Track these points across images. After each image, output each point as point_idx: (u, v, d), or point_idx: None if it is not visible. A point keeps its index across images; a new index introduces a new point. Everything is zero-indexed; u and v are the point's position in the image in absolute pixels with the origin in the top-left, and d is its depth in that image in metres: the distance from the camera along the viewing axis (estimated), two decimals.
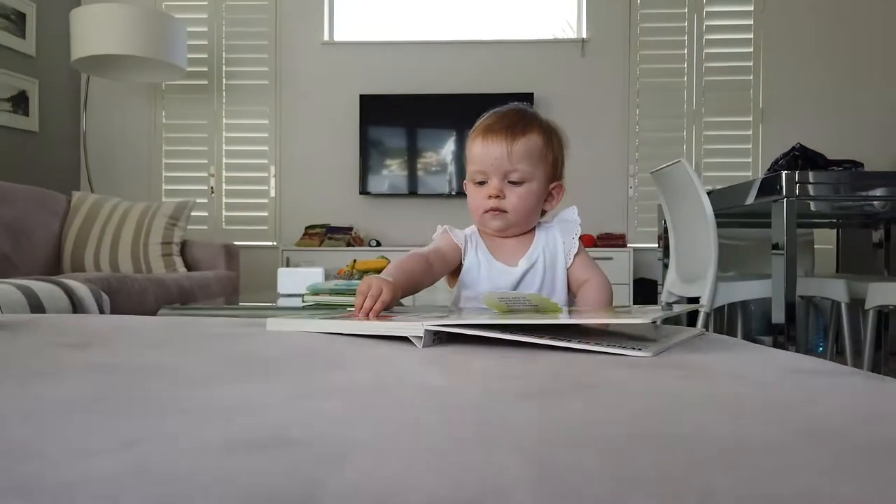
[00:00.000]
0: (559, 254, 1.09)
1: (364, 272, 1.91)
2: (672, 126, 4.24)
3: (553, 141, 1.07)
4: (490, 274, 1.08)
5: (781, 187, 1.72)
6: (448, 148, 4.24)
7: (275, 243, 4.30)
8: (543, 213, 1.12)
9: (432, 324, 0.66)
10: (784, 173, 1.71)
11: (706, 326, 2.11)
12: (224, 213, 4.36)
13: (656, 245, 3.95)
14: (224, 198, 4.36)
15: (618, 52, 4.25)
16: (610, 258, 3.85)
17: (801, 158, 1.79)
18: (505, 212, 1.05)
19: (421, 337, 0.66)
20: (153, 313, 2.30)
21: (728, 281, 2.10)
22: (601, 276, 1.09)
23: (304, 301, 1.59)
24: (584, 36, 4.27)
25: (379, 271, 1.97)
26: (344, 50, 4.36)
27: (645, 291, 3.92)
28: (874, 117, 4.13)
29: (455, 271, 1.11)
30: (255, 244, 4.31)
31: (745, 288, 2.10)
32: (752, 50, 4.21)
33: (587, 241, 3.94)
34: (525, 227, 1.10)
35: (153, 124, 4.37)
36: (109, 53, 3.36)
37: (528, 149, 1.03)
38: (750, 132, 4.20)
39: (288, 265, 3.91)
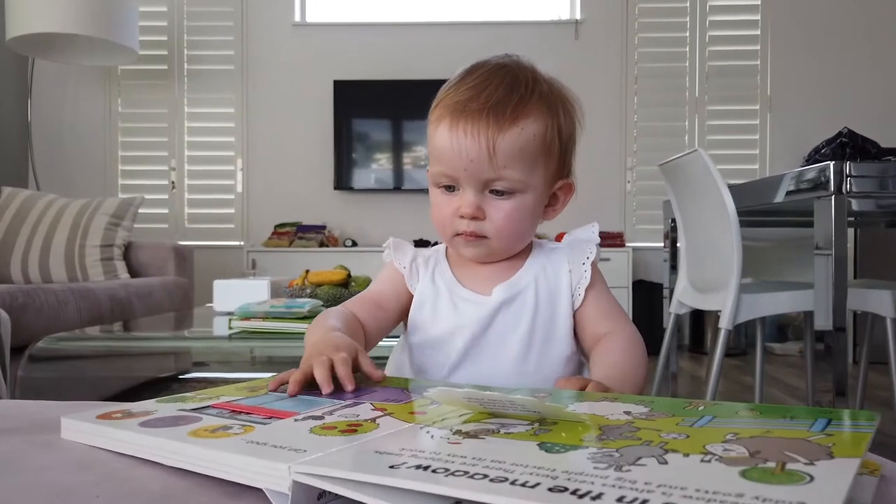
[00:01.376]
0: (562, 288, 0.74)
1: (318, 286, 1.56)
2: (672, 115, 3.92)
3: (560, 120, 0.71)
4: (451, 305, 0.74)
5: (828, 181, 1.39)
6: None
7: (241, 243, 3.94)
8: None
9: (308, 470, 0.31)
10: (831, 164, 1.38)
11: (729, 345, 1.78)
12: (186, 210, 3.99)
13: (661, 244, 3.62)
14: (186, 193, 3.99)
15: (614, 34, 3.91)
16: (607, 259, 3.52)
17: (850, 146, 1.47)
18: (484, 237, 0.71)
19: (286, 495, 0.32)
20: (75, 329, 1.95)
21: (750, 292, 1.78)
22: (627, 327, 0.73)
23: (230, 327, 1.25)
24: (578, 17, 3.93)
25: (338, 284, 1.64)
26: (317, 32, 4.00)
27: (646, 295, 3.59)
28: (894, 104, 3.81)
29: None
30: (220, 244, 3.94)
31: (774, 301, 1.77)
32: (759, 32, 3.88)
33: None
34: (514, 252, 0.76)
35: (108, 113, 3.99)
36: (46, 32, 2.99)
37: (521, 145, 0.67)
38: (757, 122, 3.88)
39: (254, 268, 3.56)
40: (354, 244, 3.74)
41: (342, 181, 3.90)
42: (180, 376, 2.03)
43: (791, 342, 3.59)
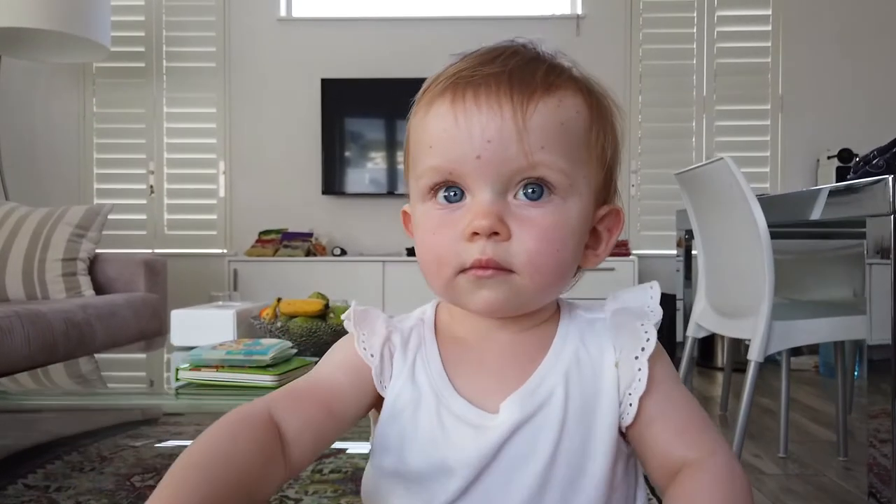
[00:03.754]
0: (603, 392, 0.48)
1: (291, 317, 1.35)
2: (679, 115, 3.71)
3: (602, 113, 0.50)
4: (438, 425, 0.48)
5: (886, 198, 1.19)
6: None
7: (225, 251, 3.72)
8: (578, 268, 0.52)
9: None
10: (889, 178, 1.18)
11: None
12: (166, 216, 3.77)
13: (668, 252, 3.43)
14: (165, 198, 3.77)
15: (618, 30, 3.71)
16: (612, 269, 3.32)
17: None
18: (508, 271, 0.46)
19: None
20: (23, 368, 1.73)
21: (782, 318, 1.58)
22: (719, 451, 0.47)
23: (177, 378, 1.04)
24: (580, 12, 3.72)
25: (313, 316, 1.42)
26: (303, 27, 3.78)
27: None
28: None
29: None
30: (201, 252, 3.72)
31: (811, 329, 1.57)
32: (770, 28, 3.68)
33: None
34: (544, 302, 0.51)
35: (82, 113, 3.76)
36: (10, 27, 2.76)
37: (563, 119, 0.46)
38: (768, 122, 3.68)
39: (235, 279, 3.34)
40: (343, 252, 3.52)
41: (330, 185, 3.69)
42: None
43: (805, 356, 3.39)
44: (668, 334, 3.30)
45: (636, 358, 0.48)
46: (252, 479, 0.41)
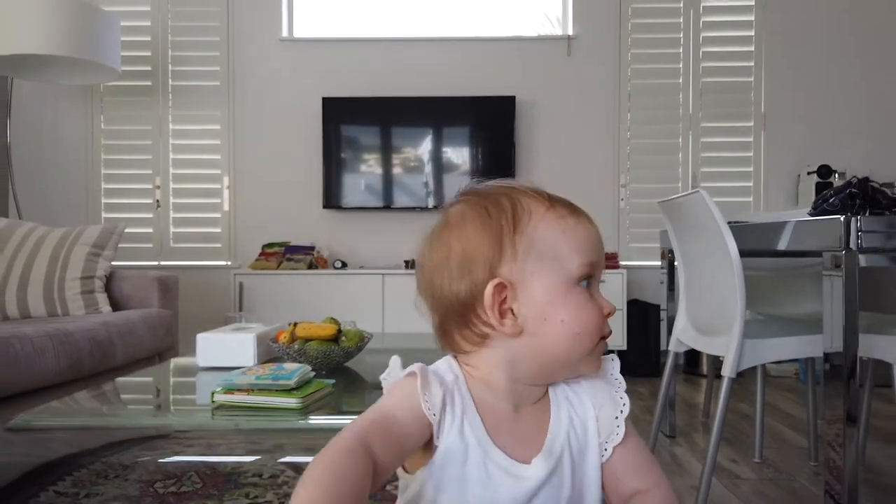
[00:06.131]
0: (590, 444, 0.65)
1: (307, 341, 1.49)
2: (666, 132, 3.87)
3: None
4: (483, 472, 0.61)
5: (842, 238, 1.34)
6: (424, 154, 3.82)
7: (229, 263, 3.86)
8: None
9: None
10: (841, 219, 1.33)
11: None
12: (172, 229, 3.90)
13: (655, 263, 3.59)
14: (171, 212, 3.90)
15: (607, 50, 3.87)
16: (602, 281, 3.45)
17: (860, 196, 1.42)
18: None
19: None
20: (52, 384, 1.86)
21: (753, 336, 1.73)
22: (661, 486, 0.65)
23: (213, 402, 1.18)
24: (571, 33, 3.88)
25: (327, 340, 1.56)
26: (305, 47, 3.92)
27: (641, 315, 3.54)
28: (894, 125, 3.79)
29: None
30: (207, 264, 3.86)
31: (778, 346, 1.72)
32: (753, 48, 3.85)
33: None
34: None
35: (90, 131, 3.89)
36: (19, 53, 2.89)
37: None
38: (751, 139, 3.85)
39: (241, 292, 3.47)
40: (344, 265, 3.66)
41: (331, 199, 3.83)
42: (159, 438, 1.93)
43: (786, 363, 3.56)
44: (653, 343, 3.46)
45: (616, 418, 0.65)
46: (362, 493, 0.53)
